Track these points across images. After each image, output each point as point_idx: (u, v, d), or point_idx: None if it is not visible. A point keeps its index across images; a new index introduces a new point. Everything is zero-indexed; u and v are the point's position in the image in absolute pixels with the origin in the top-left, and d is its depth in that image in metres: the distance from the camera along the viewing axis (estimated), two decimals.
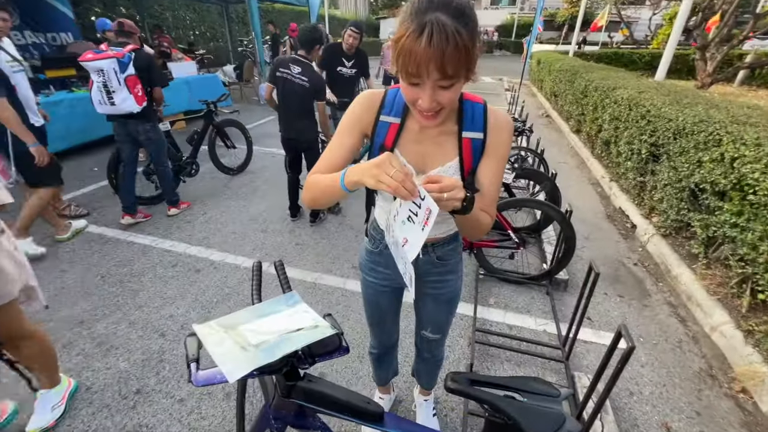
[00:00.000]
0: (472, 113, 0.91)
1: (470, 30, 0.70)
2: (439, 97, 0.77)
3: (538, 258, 2.91)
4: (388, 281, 1.23)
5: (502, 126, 0.92)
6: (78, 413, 1.68)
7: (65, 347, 2.02)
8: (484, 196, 0.96)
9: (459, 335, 2.19)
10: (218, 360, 0.84)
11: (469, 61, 0.72)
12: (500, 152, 0.93)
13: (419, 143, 0.95)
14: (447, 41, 0.67)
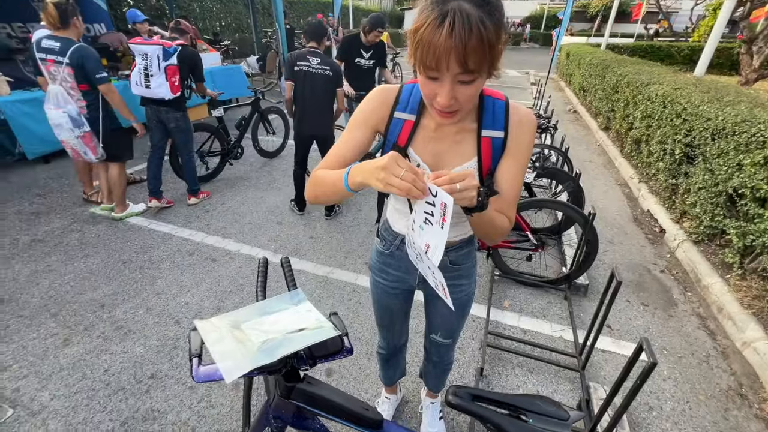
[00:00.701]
0: (493, 110, 0.86)
1: (496, 21, 0.64)
2: (458, 94, 0.71)
3: (558, 261, 2.80)
4: (398, 283, 1.20)
5: (525, 124, 0.86)
6: (95, 394, 1.75)
7: (86, 329, 2.10)
8: (503, 197, 0.90)
9: (470, 337, 2.14)
10: (217, 358, 0.83)
11: (493, 56, 0.67)
12: (522, 152, 0.88)
13: (435, 142, 0.90)
14: (470, 32, 0.61)
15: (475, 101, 0.80)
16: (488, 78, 0.74)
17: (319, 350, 0.94)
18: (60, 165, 4.24)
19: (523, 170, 0.90)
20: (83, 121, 2.72)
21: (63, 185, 3.79)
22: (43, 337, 2.04)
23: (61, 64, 2.57)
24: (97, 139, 2.84)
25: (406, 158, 0.93)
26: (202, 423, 1.64)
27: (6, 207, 3.33)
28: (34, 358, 1.92)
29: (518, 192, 0.92)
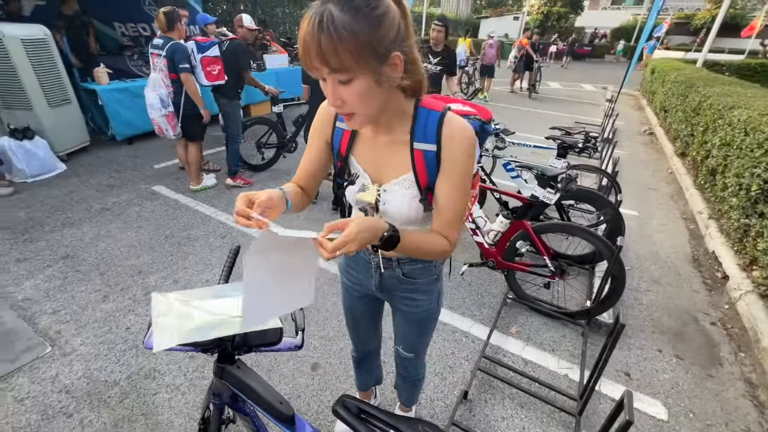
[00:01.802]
0: (426, 122, 0.83)
1: (358, 21, 0.64)
2: (342, 94, 0.71)
3: (583, 293, 2.55)
4: (359, 286, 1.21)
5: (456, 139, 0.81)
6: (115, 347, 1.99)
7: (122, 290, 2.40)
8: (440, 217, 0.88)
9: (465, 358, 2.05)
10: (155, 329, 0.91)
11: (354, 55, 0.64)
12: (456, 169, 0.83)
13: (374, 152, 0.91)
14: (320, 30, 0.63)
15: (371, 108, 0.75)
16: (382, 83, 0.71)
17: (255, 339, 0.98)
18: (140, 147, 4.89)
19: (462, 188, 0.84)
20: (169, 103, 3.31)
21: (137, 164, 4.36)
22: (88, 291, 2.38)
23: (160, 56, 3.19)
24: (176, 119, 3.38)
25: (347, 166, 0.95)
26: (191, 390, 1.79)
27: (90, 178, 3.92)
28: (77, 308, 2.24)
29: (458, 210, 0.87)
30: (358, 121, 0.78)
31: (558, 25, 25.71)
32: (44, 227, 3.02)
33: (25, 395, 1.72)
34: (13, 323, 2.10)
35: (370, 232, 0.74)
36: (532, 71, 9.69)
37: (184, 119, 3.40)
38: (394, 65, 0.71)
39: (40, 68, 3.87)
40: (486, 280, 2.68)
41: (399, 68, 0.72)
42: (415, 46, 0.77)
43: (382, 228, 0.77)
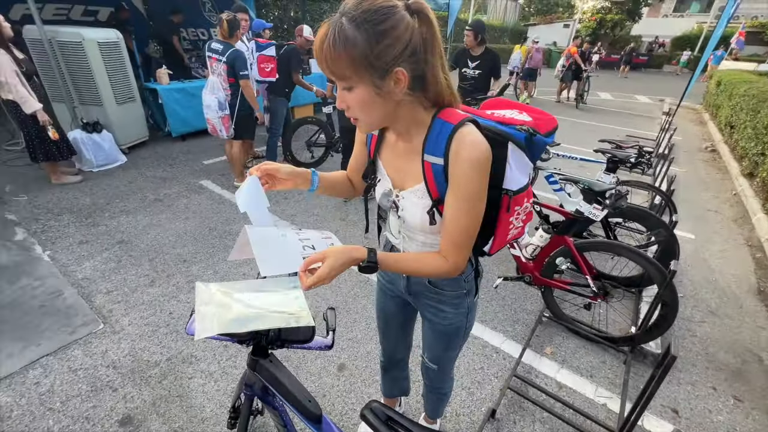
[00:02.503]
0: (437, 134, 0.80)
1: (362, 35, 0.66)
2: (346, 100, 0.76)
3: (628, 318, 2.38)
4: (392, 285, 1.21)
5: (462, 157, 0.77)
6: (157, 330, 2.12)
7: (168, 277, 2.55)
8: (445, 235, 0.85)
9: (494, 375, 1.97)
10: (197, 316, 0.95)
11: (354, 66, 0.69)
12: (461, 186, 0.79)
13: (397, 158, 0.92)
14: (324, 41, 0.68)
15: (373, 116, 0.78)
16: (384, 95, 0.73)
17: (289, 335, 1.01)
18: (192, 143, 5.21)
19: (467, 208, 0.81)
20: (226, 106, 3.50)
21: (188, 159, 4.65)
22: (139, 275, 2.56)
23: (220, 61, 3.37)
24: (231, 121, 3.58)
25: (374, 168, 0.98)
26: (223, 378, 1.86)
27: (147, 170, 4.23)
28: (128, 290, 2.41)
29: (462, 232, 0.83)
30: (362, 126, 0.82)
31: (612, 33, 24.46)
32: (105, 213, 3.29)
33: (79, 366, 1.88)
34: (73, 299, 2.29)
35: (346, 264, 0.78)
36: (581, 81, 9.28)
37: (238, 121, 3.60)
38: (396, 80, 0.71)
39: (112, 68, 4.25)
40: (521, 296, 2.58)
41: (402, 84, 0.72)
42: (439, 61, 0.76)
43: (359, 258, 0.80)
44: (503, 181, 0.90)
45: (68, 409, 1.67)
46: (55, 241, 2.86)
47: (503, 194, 0.91)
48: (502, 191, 0.91)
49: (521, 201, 0.94)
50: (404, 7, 0.70)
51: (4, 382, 1.77)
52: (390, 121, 0.82)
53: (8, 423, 1.60)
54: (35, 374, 1.82)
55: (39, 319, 2.13)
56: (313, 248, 0.85)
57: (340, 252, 0.78)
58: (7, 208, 3.25)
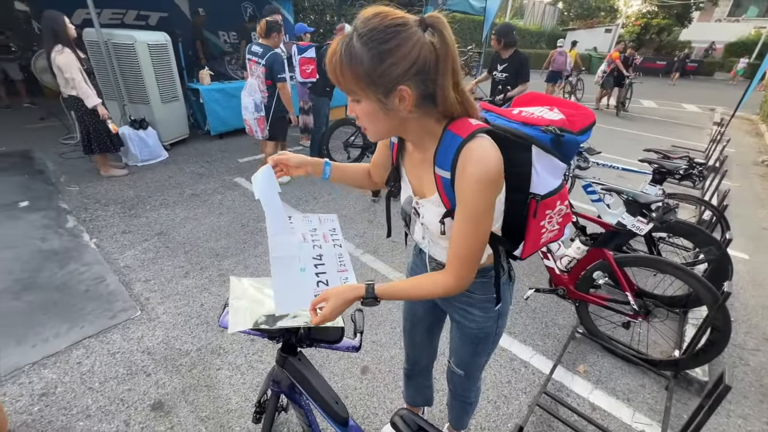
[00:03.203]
0: (447, 147, 0.78)
1: (363, 51, 0.68)
2: (354, 109, 0.78)
3: (671, 340, 2.22)
4: None
5: (466, 170, 0.74)
6: (189, 320, 2.20)
7: (201, 269, 2.64)
8: (451, 248, 0.83)
9: (523, 390, 1.89)
10: (230, 310, 0.97)
11: (357, 82, 0.71)
12: (467, 203, 0.77)
13: (414, 166, 0.92)
14: (334, 55, 0.70)
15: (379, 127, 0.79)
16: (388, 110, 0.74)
17: (318, 334, 1.01)
18: (229, 142, 5.41)
19: (471, 224, 0.78)
20: (262, 108, 3.59)
21: (224, 157, 4.83)
22: (174, 266, 2.66)
23: (259, 64, 3.44)
24: (266, 122, 3.67)
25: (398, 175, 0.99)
26: (249, 372, 1.90)
27: (186, 166, 4.43)
28: (164, 280, 2.52)
29: (467, 248, 0.81)
30: (370, 135, 0.82)
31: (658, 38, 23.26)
32: (146, 206, 3.47)
33: (117, 350, 1.97)
34: (115, 286, 2.42)
35: (347, 302, 0.85)
36: (622, 87, 8.87)
37: (273, 122, 3.70)
38: (401, 98, 0.71)
39: (159, 69, 4.49)
40: (552, 309, 2.47)
41: (406, 102, 0.72)
42: (451, 79, 0.73)
43: (359, 295, 0.85)
44: (529, 186, 0.87)
45: (105, 389, 1.76)
46: (101, 229, 3.04)
47: (530, 199, 0.88)
48: (528, 196, 0.89)
49: (552, 204, 0.91)
50: (417, 23, 0.69)
51: (51, 359, 1.89)
52: (400, 132, 0.84)
53: (52, 398, 1.70)
54: (78, 354, 1.93)
55: (84, 302, 2.26)
56: (327, 284, 0.93)
57: (340, 293, 0.85)
58: (60, 198, 3.49)
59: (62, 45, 3.28)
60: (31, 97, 6.28)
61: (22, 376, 1.79)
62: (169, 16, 6.99)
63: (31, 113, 5.80)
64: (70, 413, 1.65)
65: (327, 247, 1.00)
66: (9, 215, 3.12)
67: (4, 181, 3.71)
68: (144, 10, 6.73)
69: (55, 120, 5.17)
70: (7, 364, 1.84)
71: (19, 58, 6.05)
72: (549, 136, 0.86)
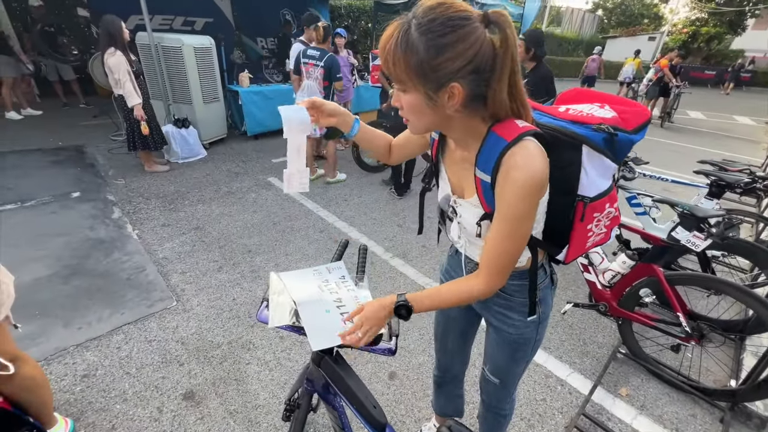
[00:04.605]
0: (490, 149, 0.74)
1: (421, 41, 0.64)
2: (399, 99, 0.75)
3: (727, 367, 2.04)
4: None
5: (509, 176, 0.70)
6: (221, 314, 2.24)
7: (234, 265, 2.70)
8: (485, 254, 0.80)
9: (558, 409, 1.79)
10: (271, 306, 0.97)
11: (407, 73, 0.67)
12: (508, 208, 0.73)
13: (455, 164, 0.88)
14: (388, 41, 0.67)
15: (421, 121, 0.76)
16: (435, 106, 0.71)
17: None
18: (264, 142, 5.55)
19: (509, 231, 0.75)
20: None
21: (259, 156, 4.96)
22: (209, 260, 2.74)
23: (317, 66, 3.65)
24: None
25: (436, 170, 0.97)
26: (277, 369, 1.90)
27: (222, 164, 4.58)
28: (199, 273, 2.59)
29: (502, 254, 0.77)
30: (411, 128, 0.80)
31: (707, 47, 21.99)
32: (185, 201, 3.60)
33: (153, 338, 2.03)
34: (153, 276, 2.51)
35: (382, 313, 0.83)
36: (669, 97, 8.41)
37: None
38: (451, 95, 0.68)
39: (203, 71, 4.69)
40: (591, 326, 2.33)
41: (456, 99, 0.68)
42: (506, 81, 0.69)
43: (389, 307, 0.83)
44: (577, 188, 0.84)
45: (142, 375, 1.81)
46: (143, 222, 3.18)
47: (577, 201, 0.84)
48: (576, 198, 0.84)
49: (601, 207, 0.87)
50: (480, 19, 0.65)
51: (93, 342, 1.97)
52: (443, 128, 0.81)
53: (93, 380, 1.77)
54: (118, 339, 2.01)
55: (125, 290, 2.36)
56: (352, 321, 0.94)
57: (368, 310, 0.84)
58: (108, 190, 3.69)
59: (115, 47, 3.49)
60: (86, 96, 6.73)
61: (67, 357, 1.88)
62: (213, 21, 7.32)
63: (86, 112, 6.21)
64: (108, 396, 1.71)
65: (342, 292, 1.03)
66: (63, 205, 3.33)
67: (60, 173, 3.97)
68: (191, 16, 7.08)
69: (107, 118, 5.51)
70: (54, 344, 1.93)
71: (78, 60, 6.51)
72: (602, 135, 0.82)
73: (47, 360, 1.85)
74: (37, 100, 6.48)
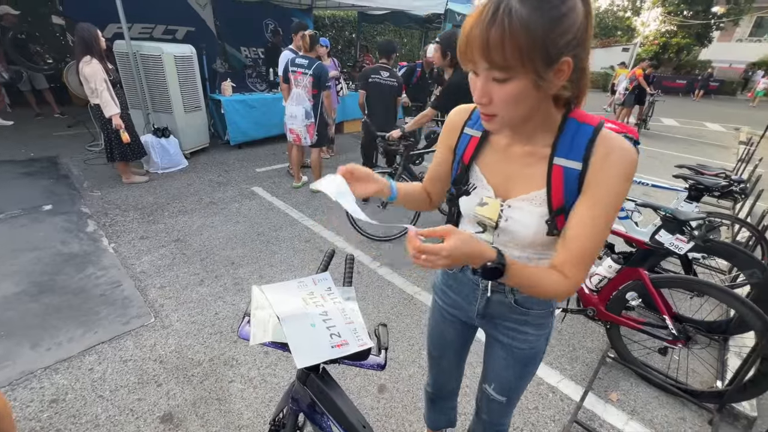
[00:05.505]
0: (573, 135, 0.72)
1: (537, 16, 0.57)
2: (493, 92, 0.65)
3: (712, 368, 2.06)
4: (456, 310, 1.09)
5: (613, 159, 0.69)
6: (203, 329, 2.15)
7: (216, 277, 2.61)
8: (566, 249, 0.75)
9: (551, 417, 1.77)
10: (252, 321, 0.91)
11: (522, 53, 0.58)
12: (603, 194, 0.70)
13: (505, 163, 0.82)
14: (492, 22, 0.58)
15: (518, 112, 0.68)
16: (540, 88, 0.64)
17: None
18: (247, 152, 5.46)
19: (604, 219, 0.71)
20: (312, 114, 3.75)
21: (243, 166, 4.87)
22: (190, 273, 2.64)
23: (306, 74, 3.64)
24: (315, 129, 3.85)
25: (467, 175, 0.88)
26: (262, 386, 1.82)
27: (204, 174, 4.47)
28: (179, 287, 2.49)
29: (591, 247, 0.72)
30: (498, 124, 0.71)
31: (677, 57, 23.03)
32: (164, 212, 3.48)
33: (129, 357, 1.93)
34: (130, 291, 2.40)
35: (470, 256, 0.68)
36: (644, 105, 8.72)
37: (319, 129, 3.88)
38: (560, 71, 0.63)
39: (184, 79, 4.60)
40: (580, 331, 2.34)
41: (565, 75, 0.64)
42: (588, 53, 0.67)
43: (486, 256, 0.69)
44: None
45: (116, 398, 1.71)
46: (120, 234, 3.05)
47: None
48: None
49: None
50: None
51: (63, 364, 1.85)
52: (527, 119, 0.73)
53: (62, 405, 1.65)
54: (90, 360, 1.89)
55: (99, 307, 2.24)
56: (339, 335, 0.88)
57: (468, 239, 0.66)
58: (83, 202, 3.54)
59: (91, 56, 3.38)
60: (61, 106, 6.51)
61: (34, 381, 1.75)
62: (195, 30, 7.23)
63: (60, 122, 6.00)
64: (78, 422, 1.59)
65: (328, 305, 0.96)
66: (33, 218, 3.17)
67: (31, 185, 3.79)
68: (172, 24, 6.98)
69: (83, 128, 5.33)
70: (20, 367, 1.81)
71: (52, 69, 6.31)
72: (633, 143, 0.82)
73: (12, 385, 1.72)
74: (8, 110, 6.23)
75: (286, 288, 1.02)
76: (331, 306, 0.99)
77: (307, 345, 0.86)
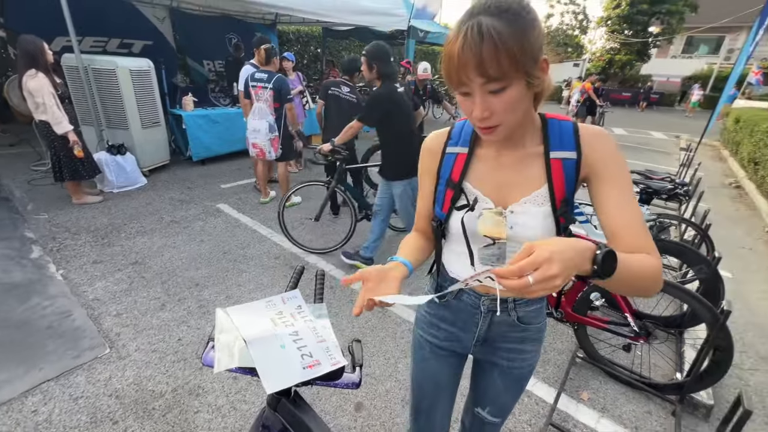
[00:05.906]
0: (560, 131, 0.79)
1: (515, 26, 0.63)
2: (492, 105, 0.69)
3: (673, 362, 2.18)
4: (450, 342, 1.02)
5: (599, 137, 0.76)
6: (165, 357, 2.01)
7: (179, 301, 2.46)
8: (630, 231, 0.71)
9: (527, 422, 1.79)
10: (216, 346, 0.86)
11: (515, 60, 0.64)
12: (613, 169, 0.75)
13: (498, 171, 0.83)
14: (481, 40, 0.62)
15: (517, 116, 0.72)
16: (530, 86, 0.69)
17: None
18: (211, 167, 5.28)
19: (629, 191, 0.75)
20: (275, 128, 3.69)
21: (206, 183, 4.69)
22: (149, 298, 2.47)
23: (266, 88, 3.58)
24: (279, 143, 3.77)
25: (461, 194, 0.86)
26: (231, 414, 1.72)
27: (165, 192, 4.26)
28: (138, 313, 2.32)
29: (638, 218, 0.73)
30: (501, 133, 0.74)
31: (622, 72, 24.99)
32: (121, 234, 3.27)
33: (80, 394, 1.76)
34: (82, 321, 2.21)
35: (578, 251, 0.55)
36: (595, 116, 9.34)
37: (283, 142, 3.81)
38: (542, 68, 0.69)
39: (141, 94, 4.41)
40: (550, 333, 2.40)
41: (545, 70, 0.71)
42: None
43: (590, 245, 0.57)
44: None
45: None
46: (69, 260, 2.82)
47: None
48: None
49: None
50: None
51: (2, 408, 1.66)
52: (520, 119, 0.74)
53: None
54: (34, 401, 1.71)
55: (45, 340, 2.05)
56: (310, 356, 0.84)
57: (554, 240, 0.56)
58: (27, 226, 3.26)
59: (36, 69, 3.17)
60: (2, 124, 6.03)
61: None
62: (153, 44, 6.99)
63: (1, 140, 5.54)
64: None
65: (299, 324, 0.92)
66: None
67: None
68: (128, 38, 6.71)
69: (27, 146, 4.95)
70: None
71: None
72: None
73: None
74: None
75: (253, 309, 0.97)
76: (302, 325, 0.95)
77: (276, 368, 0.81)
